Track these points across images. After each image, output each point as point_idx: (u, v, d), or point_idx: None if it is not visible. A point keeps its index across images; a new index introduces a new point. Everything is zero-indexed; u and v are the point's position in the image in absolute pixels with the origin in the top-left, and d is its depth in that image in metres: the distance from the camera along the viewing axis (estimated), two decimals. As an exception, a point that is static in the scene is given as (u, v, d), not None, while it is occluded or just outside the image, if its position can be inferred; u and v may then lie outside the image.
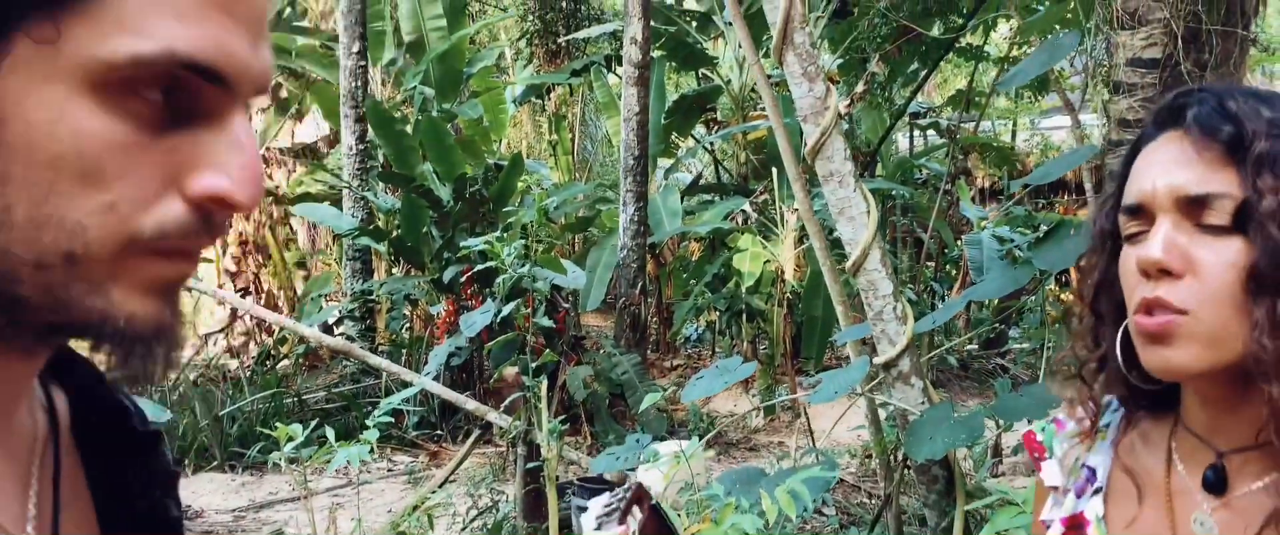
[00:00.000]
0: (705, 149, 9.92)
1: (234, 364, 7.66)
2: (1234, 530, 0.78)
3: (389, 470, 5.53)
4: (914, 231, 9.16)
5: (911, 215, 9.14)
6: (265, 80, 0.49)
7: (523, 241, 4.11)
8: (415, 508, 3.25)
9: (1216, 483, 0.79)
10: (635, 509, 0.92)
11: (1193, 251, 0.75)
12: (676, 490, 2.68)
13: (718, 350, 8.74)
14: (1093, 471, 0.89)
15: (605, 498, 0.94)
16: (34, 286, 0.43)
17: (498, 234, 4.32)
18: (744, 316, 7.83)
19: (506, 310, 3.98)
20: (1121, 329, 0.81)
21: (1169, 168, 0.76)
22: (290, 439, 3.24)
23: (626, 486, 0.96)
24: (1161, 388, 0.82)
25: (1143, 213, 0.78)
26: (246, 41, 0.46)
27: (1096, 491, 0.88)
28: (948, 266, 9.02)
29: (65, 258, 0.43)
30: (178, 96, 0.44)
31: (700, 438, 2.59)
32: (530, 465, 3.44)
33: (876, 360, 2.66)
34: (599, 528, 0.87)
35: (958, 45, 8.37)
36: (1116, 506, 0.86)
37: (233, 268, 8.63)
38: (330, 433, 2.94)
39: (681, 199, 8.67)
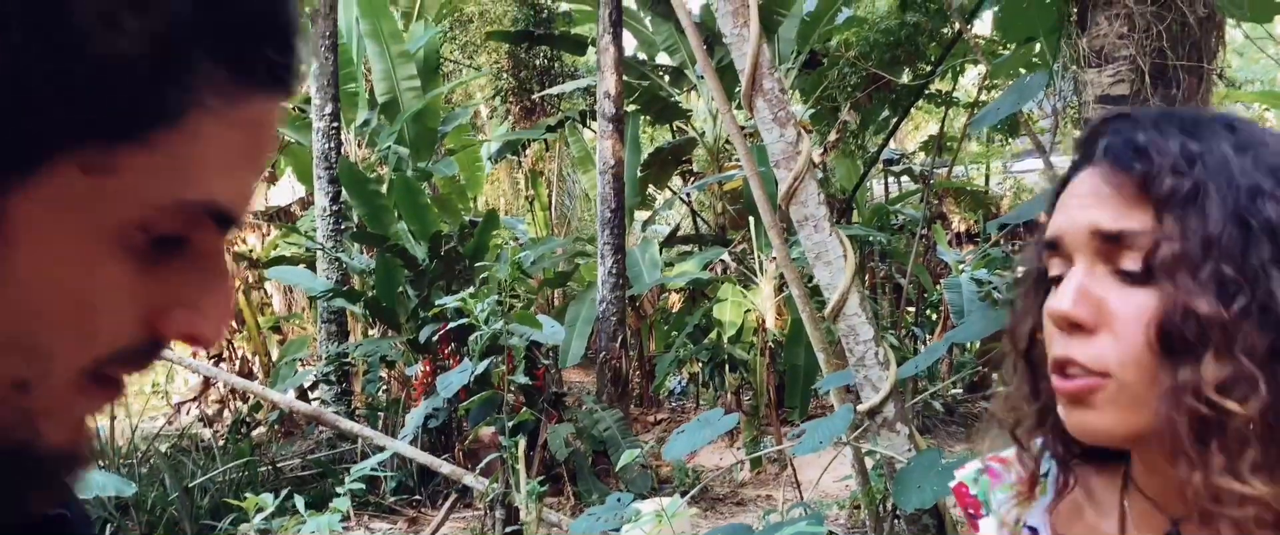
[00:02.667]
0: (682, 201, 9.95)
1: (207, 433, 7.48)
2: None
3: (366, 539, 5.37)
4: (893, 277, 9.17)
5: (889, 261, 9.17)
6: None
7: (497, 297, 4.05)
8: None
9: None
10: None
11: (1109, 301, 0.66)
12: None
13: (701, 403, 8.64)
14: (1035, 533, 0.80)
15: None
16: None
17: (472, 290, 4.26)
18: (727, 367, 7.76)
19: (483, 367, 3.90)
20: None
21: (1086, 201, 0.69)
22: (260, 509, 3.13)
23: (596, 513, 0.89)
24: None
25: (1060, 250, 0.70)
26: (255, 185, 0.46)
27: None
28: (928, 311, 9.03)
29: (14, 385, 0.41)
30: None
31: (683, 494, 2.52)
32: (509, 530, 3.33)
33: (860, 408, 2.61)
34: None
35: (927, 92, 8.49)
36: None
37: (204, 362, 8.48)
38: (300, 502, 2.84)
39: (660, 251, 8.66)
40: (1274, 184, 0.64)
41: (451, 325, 4.45)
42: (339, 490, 2.94)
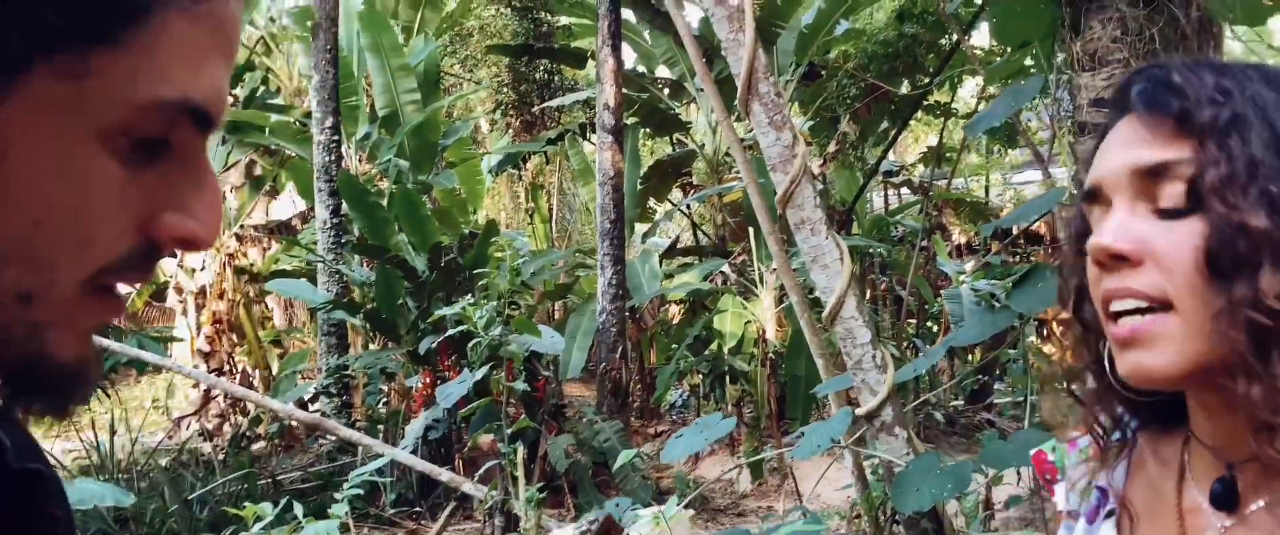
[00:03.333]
0: (682, 213, 9.96)
1: (207, 447, 7.47)
2: None
3: (366, 551, 5.35)
4: (894, 289, 9.17)
5: (891, 274, 9.17)
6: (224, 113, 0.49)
7: (495, 304, 4.05)
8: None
9: (1225, 498, 0.72)
10: None
11: (1151, 237, 0.67)
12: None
13: (702, 415, 8.61)
14: (1104, 493, 0.81)
15: (571, 528, 0.86)
16: None
17: (470, 299, 4.26)
18: (727, 378, 7.75)
19: (481, 373, 3.90)
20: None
21: (1124, 147, 0.70)
22: (258, 519, 3.12)
23: (593, 516, 0.89)
24: (1165, 398, 0.74)
25: (1100, 196, 0.71)
26: (228, 83, 0.47)
27: (1109, 514, 0.81)
28: (929, 323, 9.01)
29: (19, 297, 0.42)
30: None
31: (682, 503, 2.51)
32: (508, 535, 3.33)
33: (858, 411, 2.60)
34: None
35: (926, 103, 8.51)
36: (1134, 532, 0.79)
37: (207, 348, 8.49)
38: (299, 509, 2.83)
39: (660, 262, 8.66)
40: None
41: (451, 333, 4.46)
42: (336, 497, 2.94)
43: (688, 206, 9.74)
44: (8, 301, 0.41)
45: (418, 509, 5.81)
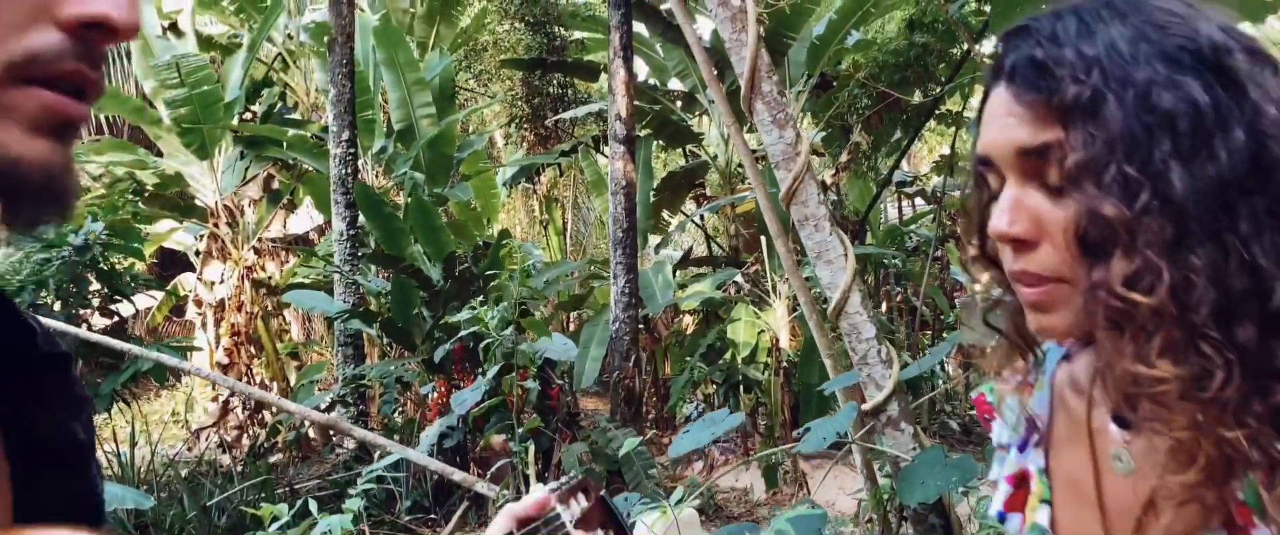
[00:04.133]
0: (695, 224, 10.00)
1: (226, 458, 7.55)
2: (1150, 461, 0.73)
3: (382, 556, 5.39)
4: (909, 300, 9.15)
5: (904, 283, 9.15)
6: None
7: (507, 304, 4.10)
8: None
9: (1125, 418, 0.76)
10: (580, 494, 0.89)
11: (1042, 214, 0.70)
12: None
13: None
14: (1033, 422, 0.85)
15: (551, 484, 0.90)
16: None
17: (482, 300, 4.31)
18: (741, 388, 7.76)
19: (494, 371, 3.94)
20: None
21: (1005, 121, 0.71)
22: (275, 519, 3.17)
23: (572, 474, 0.93)
24: None
25: (993, 167, 0.73)
26: None
27: (1038, 443, 0.85)
28: (944, 333, 8.99)
29: None
30: None
31: (701, 512, 2.53)
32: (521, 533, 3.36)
33: (864, 407, 2.62)
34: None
35: (938, 112, 8.53)
36: (1058, 455, 0.83)
37: (225, 360, 8.58)
38: (314, 504, 2.87)
39: (674, 273, 8.70)
40: (1168, 69, 0.65)
41: (464, 335, 4.50)
42: (351, 492, 2.98)
43: (701, 217, 9.78)
44: None
45: (433, 515, 5.85)
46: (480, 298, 5.23)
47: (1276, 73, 0.67)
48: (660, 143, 9.53)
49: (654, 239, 9.75)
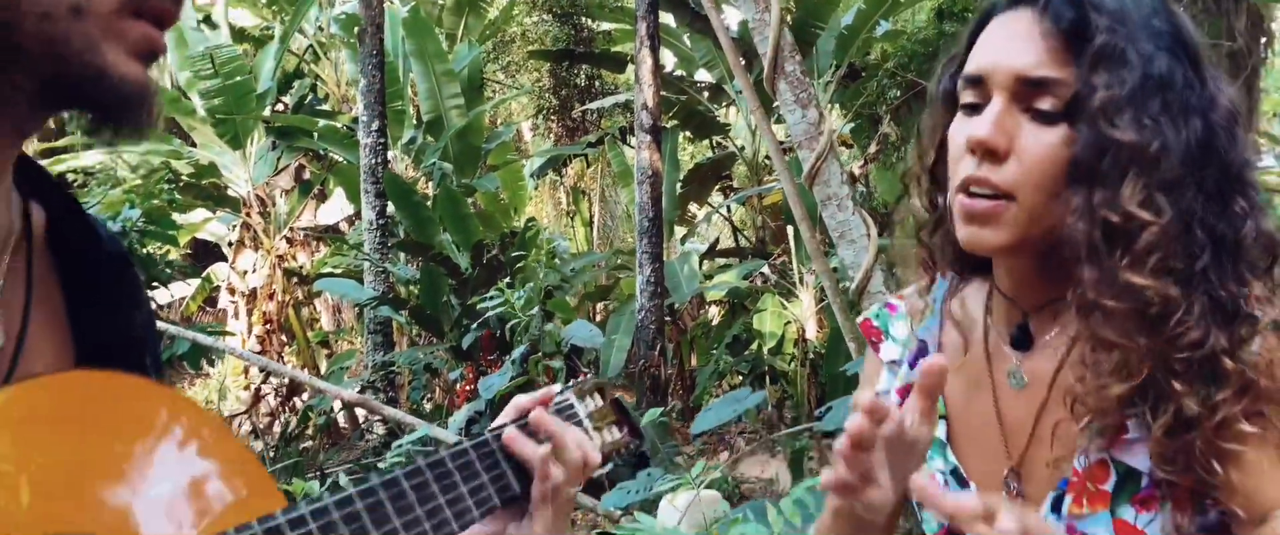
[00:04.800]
0: (722, 216, 9.99)
1: (258, 445, 7.67)
2: (1040, 377, 0.84)
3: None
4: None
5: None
6: None
7: (533, 285, 4.14)
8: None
9: (1021, 339, 0.86)
10: (597, 394, 0.89)
11: (1020, 136, 0.77)
12: (692, 526, 2.63)
13: (743, 417, 8.62)
14: (924, 343, 0.93)
15: (570, 384, 0.91)
16: (36, 38, 0.48)
17: (509, 283, 4.36)
18: (767, 378, 7.75)
19: (520, 351, 3.98)
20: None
21: (1012, 45, 0.77)
22: (306, 495, 3.23)
23: (589, 377, 0.94)
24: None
25: (981, 84, 0.79)
26: None
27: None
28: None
29: (71, 9, 0.48)
30: None
31: (727, 498, 2.55)
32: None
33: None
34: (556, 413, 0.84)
35: (967, 102, 8.45)
36: (952, 375, 0.87)
37: (257, 348, 8.71)
38: (344, 477, 2.93)
39: (700, 264, 8.70)
40: (1165, 43, 0.76)
41: (490, 316, 4.54)
42: (380, 465, 3.03)
43: (728, 209, 9.77)
44: (61, 14, 0.48)
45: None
46: (508, 281, 5.28)
47: (1217, 78, 0.79)
48: (687, 134, 9.52)
49: (681, 231, 9.76)
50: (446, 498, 0.66)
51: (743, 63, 3.31)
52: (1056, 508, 0.82)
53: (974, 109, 0.79)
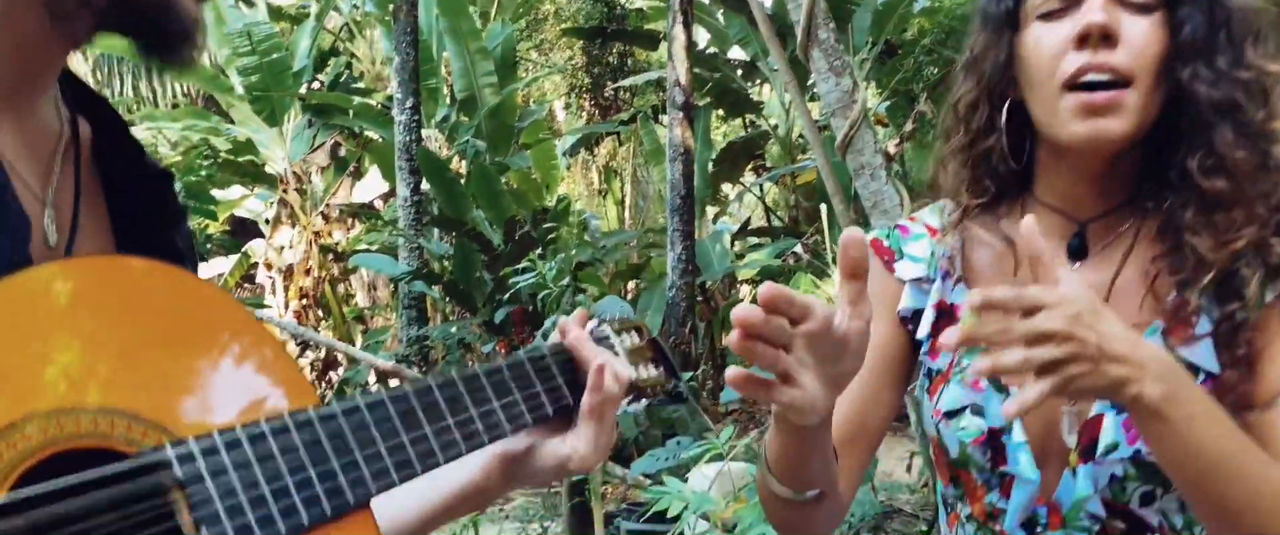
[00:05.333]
0: (754, 196, 9.95)
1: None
2: (1095, 286, 0.85)
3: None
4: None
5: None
6: None
7: (564, 257, 4.16)
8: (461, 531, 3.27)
9: (1079, 249, 0.89)
10: (634, 332, 0.89)
11: (1128, 25, 0.81)
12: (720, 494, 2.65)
13: (774, 395, 8.61)
14: (950, 259, 0.95)
15: (607, 318, 0.90)
16: None
17: (541, 255, 4.39)
18: (798, 358, 7.73)
19: (551, 324, 4.01)
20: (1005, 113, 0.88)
21: None
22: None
23: (625, 317, 0.93)
24: (1018, 172, 0.91)
25: None
26: None
27: (958, 281, 0.94)
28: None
29: None
30: None
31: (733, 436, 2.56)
32: (575, 477, 3.45)
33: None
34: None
35: (1005, 80, 8.32)
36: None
37: (294, 322, 8.86)
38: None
39: (732, 243, 8.69)
40: None
41: (522, 285, 4.57)
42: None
43: (760, 188, 9.73)
44: None
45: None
46: (539, 253, 5.32)
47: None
48: (720, 112, 9.47)
49: (713, 210, 9.73)
50: (501, 401, 0.68)
51: (779, 39, 3.29)
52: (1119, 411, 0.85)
53: (1055, 15, 0.83)
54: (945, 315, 0.94)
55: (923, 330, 0.95)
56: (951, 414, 0.91)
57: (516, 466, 0.73)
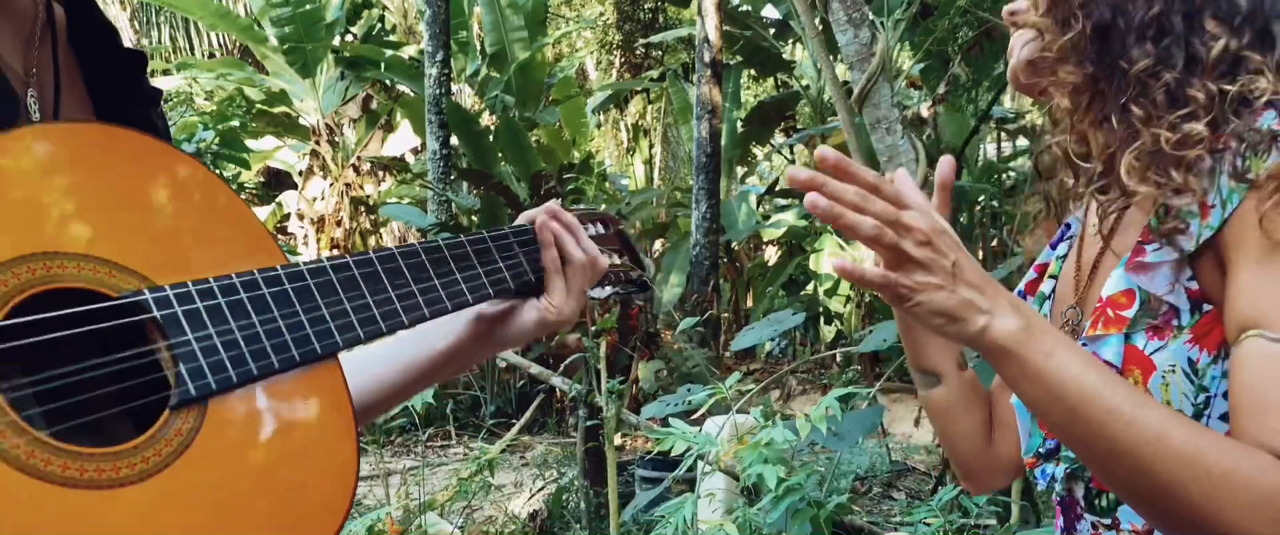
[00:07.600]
0: (784, 157, 9.90)
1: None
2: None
3: (464, 456, 5.69)
4: (1005, 242, 8.91)
5: (1001, 225, 8.90)
6: None
7: (584, 207, 4.20)
8: (479, 470, 3.35)
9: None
10: (599, 223, 0.92)
11: None
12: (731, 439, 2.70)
13: (797, 357, 8.64)
14: (1068, 225, 0.98)
15: (575, 207, 0.94)
16: None
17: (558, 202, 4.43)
18: (821, 319, 7.74)
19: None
20: None
21: None
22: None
23: (594, 206, 0.96)
24: None
25: None
26: None
27: (1068, 239, 0.97)
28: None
29: None
30: None
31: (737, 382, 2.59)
32: (590, 422, 3.51)
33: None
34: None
35: (1043, 43, 8.16)
36: (1083, 250, 0.94)
37: (325, 273, 9.01)
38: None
39: (758, 204, 8.66)
40: None
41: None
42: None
43: (790, 149, 9.67)
44: None
45: (515, 421, 6.12)
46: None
47: None
48: (751, 72, 9.40)
49: (741, 171, 9.70)
50: (463, 272, 0.72)
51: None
52: None
53: None
54: (1043, 273, 0.99)
55: (1019, 286, 1.00)
56: None
57: (497, 328, 0.79)
